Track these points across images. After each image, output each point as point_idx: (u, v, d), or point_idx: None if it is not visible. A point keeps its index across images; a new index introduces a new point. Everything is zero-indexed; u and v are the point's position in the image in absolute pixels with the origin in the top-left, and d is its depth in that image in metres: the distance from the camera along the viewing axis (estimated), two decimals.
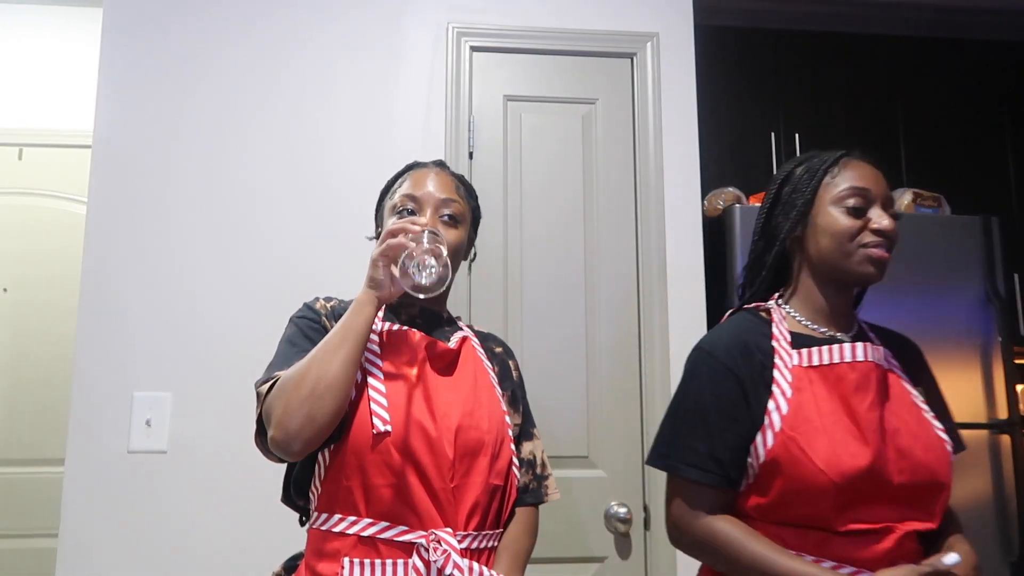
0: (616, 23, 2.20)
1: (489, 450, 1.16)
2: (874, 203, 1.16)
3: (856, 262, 1.14)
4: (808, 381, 1.10)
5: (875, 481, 1.04)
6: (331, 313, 1.23)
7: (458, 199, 1.26)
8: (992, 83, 2.66)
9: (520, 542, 1.22)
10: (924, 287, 2.08)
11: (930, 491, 1.08)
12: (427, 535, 1.07)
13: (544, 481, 1.31)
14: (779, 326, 1.17)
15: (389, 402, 1.11)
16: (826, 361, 1.11)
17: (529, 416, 1.34)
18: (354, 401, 1.11)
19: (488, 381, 1.25)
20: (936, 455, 1.10)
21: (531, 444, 1.32)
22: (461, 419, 1.14)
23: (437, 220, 1.22)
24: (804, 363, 1.12)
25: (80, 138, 2.70)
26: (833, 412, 1.08)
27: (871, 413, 1.07)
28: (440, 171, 1.29)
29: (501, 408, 1.23)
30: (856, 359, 1.11)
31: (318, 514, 1.13)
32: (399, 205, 1.24)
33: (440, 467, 1.10)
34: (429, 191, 1.24)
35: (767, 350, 1.14)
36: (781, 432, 1.06)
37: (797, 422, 1.07)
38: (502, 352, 1.36)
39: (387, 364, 1.16)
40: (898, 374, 1.17)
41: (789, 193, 1.21)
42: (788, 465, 1.05)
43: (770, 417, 1.08)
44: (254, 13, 2.10)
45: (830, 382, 1.10)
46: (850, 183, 1.17)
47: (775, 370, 1.12)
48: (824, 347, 1.12)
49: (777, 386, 1.10)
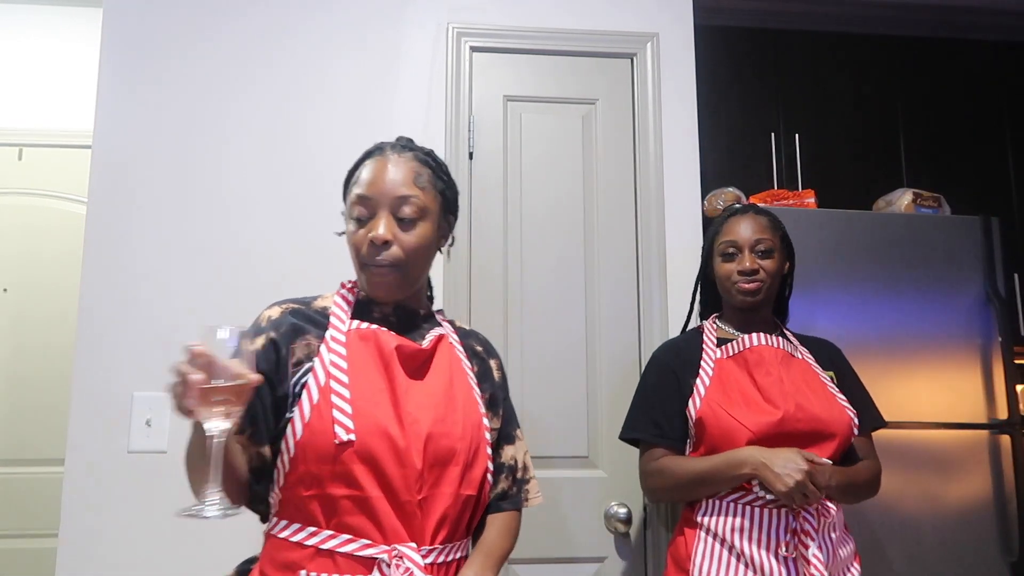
0: (616, 23, 2.20)
1: (462, 458, 1.10)
2: (742, 250, 1.61)
3: (733, 294, 1.62)
4: (725, 366, 1.58)
5: (781, 430, 1.46)
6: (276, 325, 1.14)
7: (417, 192, 1.15)
8: (992, 83, 2.66)
9: (496, 544, 1.17)
10: (924, 287, 2.08)
11: (823, 438, 1.49)
12: (390, 550, 1.02)
13: (525, 485, 1.26)
14: (708, 335, 1.66)
15: (354, 409, 1.05)
16: (736, 350, 1.59)
17: (511, 418, 1.29)
18: (316, 407, 1.05)
19: (466, 382, 1.19)
20: (831, 413, 1.51)
21: (512, 448, 1.26)
22: (432, 426, 1.08)
23: (393, 224, 1.13)
24: (723, 355, 1.60)
25: (80, 138, 2.70)
26: (742, 382, 1.54)
27: (768, 379, 1.52)
28: (399, 157, 1.18)
29: (478, 412, 1.17)
30: (754, 345, 1.58)
31: (277, 520, 1.08)
32: (353, 212, 1.16)
33: (407, 478, 1.04)
34: (383, 189, 1.14)
35: (697, 350, 1.63)
36: (705, 399, 1.53)
37: (717, 391, 1.53)
38: (483, 351, 1.30)
39: (353, 368, 1.09)
40: (807, 360, 1.62)
41: (705, 244, 1.72)
42: (712, 421, 1.50)
43: (697, 390, 1.55)
44: (252, 15, 2.10)
45: (740, 364, 1.57)
46: (724, 238, 1.64)
47: (702, 360, 1.60)
48: (735, 342, 1.61)
49: (703, 370, 1.58)
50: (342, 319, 1.15)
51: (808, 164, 2.50)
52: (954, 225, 2.14)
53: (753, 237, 1.61)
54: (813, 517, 1.41)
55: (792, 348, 1.62)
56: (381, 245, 1.12)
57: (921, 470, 1.98)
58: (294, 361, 1.11)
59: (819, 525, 1.42)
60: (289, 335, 1.12)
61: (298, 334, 1.13)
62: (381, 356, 1.11)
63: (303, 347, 1.12)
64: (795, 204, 2.21)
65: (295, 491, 1.05)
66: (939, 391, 2.04)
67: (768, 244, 1.61)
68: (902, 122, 2.59)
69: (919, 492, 1.97)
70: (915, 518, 1.96)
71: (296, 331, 1.13)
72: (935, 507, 1.97)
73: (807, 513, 1.41)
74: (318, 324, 1.15)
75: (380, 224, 1.12)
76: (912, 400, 2.02)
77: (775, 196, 2.23)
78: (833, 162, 2.52)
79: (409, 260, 1.14)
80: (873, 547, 1.92)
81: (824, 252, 2.07)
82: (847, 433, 1.52)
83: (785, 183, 2.47)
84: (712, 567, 1.45)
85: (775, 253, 1.62)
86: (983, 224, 2.15)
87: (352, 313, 1.18)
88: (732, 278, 1.61)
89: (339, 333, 1.12)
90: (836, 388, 1.59)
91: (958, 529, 1.96)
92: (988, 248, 2.13)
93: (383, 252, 1.12)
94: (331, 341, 1.11)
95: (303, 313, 1.16)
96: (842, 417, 1.52)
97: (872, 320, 2.05)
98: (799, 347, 1.64)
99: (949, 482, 1.99)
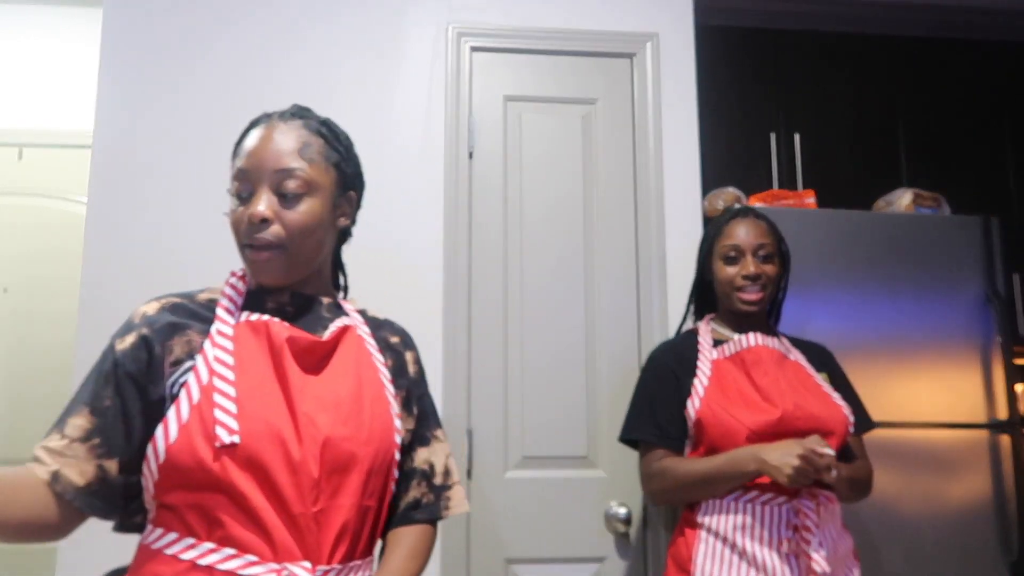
0: (616, 23, 2.20)
1: (365, 465, 0.97)
2: (744, 254, 1.61)
3: (734, 300, 1.62)
4: (722, 366, 1.58)
5: (780, 429, 1.47)
6: (151, 321, 0.99)
7: (302, 164, 1.02)
8: (992, 83, 2.66)
9: (401, 568, 1.02)
10: (924, 287, 2.08)
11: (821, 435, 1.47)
12: (279, 569, 0.89)
13: (445, 492, 1.11)
14: (703, 336, 1.65)
15: (240, 409, 0.92)
16: (733, 351, 1.60)
17: (427, 418, 1.15)
18: (196, 407, 0.92)
19: (375, 379, 1.05)
20: (829, 411, 1.52)
21: (427, 450, 1.12)
22: (332, 428, 0.95)
23: (274, 200, 1.01)
24: (719, 356, 1.60)
25: (80, 138, 2.70)
26: (739, 382, 1.54)
27: (766, 378, 1.53)
28: (286, 126, 1.05)
29: (389, 412, 1.04)
30: (750, 345, 1.58)
31: (152, 528, 0.95)
32: (234, 188, 1.04)
33: (301, 487, 0.91)
34: (264, 161, 1.01)
35: (694, 351, 1.63)
36: (703, 399, 1.53)
37: (716, 391, 1.54)
38: (399, 343, 1.16)
39: (240, 363, 0.96)
40: (800, 361, 1.62)
41: (702, 246, 1.71)
42: (711, 421, 1.50)
43: (695, 390, 1.56)
44: (253, 13, 2.10)
45: (736, 364, 1.58)
46: (726, 241, 1.63)
47: (699, 362, 1.60)
48: (731, 342, 1.61)
49: (700, 370, 1.58)
50: (231, 311, 1.02)
51: (808, 164, 2.50)
52: (954, 225, 2.14)
53: (756, 241, 1.61)
54: (814, 513, 1.42)
55: (786, 350, 1.63)
56: (260, 223, 0.99)
57: (921, 470, 1.98)
58: (172, 360, 0.97)
59: (820, 520, 1.42)
60: (166, 331, 0.99)
61: (177, 330, 0.99)
62: (272, 349, 0.98)
63: (183, 344, 0.98)
64: (795, 204, 2.21)
65: (168, 499, 0.92)
66: (939, 391, 2.04)
67: (769, 249, 1.61)
68: (902, 122, 2.59)
69: (919, 492, 1.97)
70: (915, 518, 1.96)
71: (174, 327, 0.99)
72: (935, 507, 1.97)
73: (808, 509, 1.41)
74: (202, 318, 1.02)
75: (259, 200, 1.00)
76: (912, 400, 2.02)
77: (775, 196, 2.23)
78: (833, 162, 2.52)
79: (293, 239, 1.00)
80: (873, 547, 1.92)
81: (824, 252, 2.07)
82: (845, 431, 1.53)
83: (785, 183, 2.47)
84: (714, 566, 1.46)
85: (775, 258, 1.63)
86: (983, 224, 2.15)
87: (244, 304, 1.05)
88: (735, 283, 1.61)
89: (226, 326, 0.99)
90: (830, 388, 1.61)
91: (958, 529, 1.96)
92: (988, 248, 2.13)
93: (263, 230, 0.99)
94: (216, 335, 0.98)
95: (184, 307, 1.03)
96: (839, 415, 1.53)
97: (872, 320, 2.05)
98: (792, 349, 1.66)
99: (949, 482, 1.99)
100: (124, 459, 0.94)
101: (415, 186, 2.07)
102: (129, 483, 0.95)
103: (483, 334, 2.02)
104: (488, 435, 1.98)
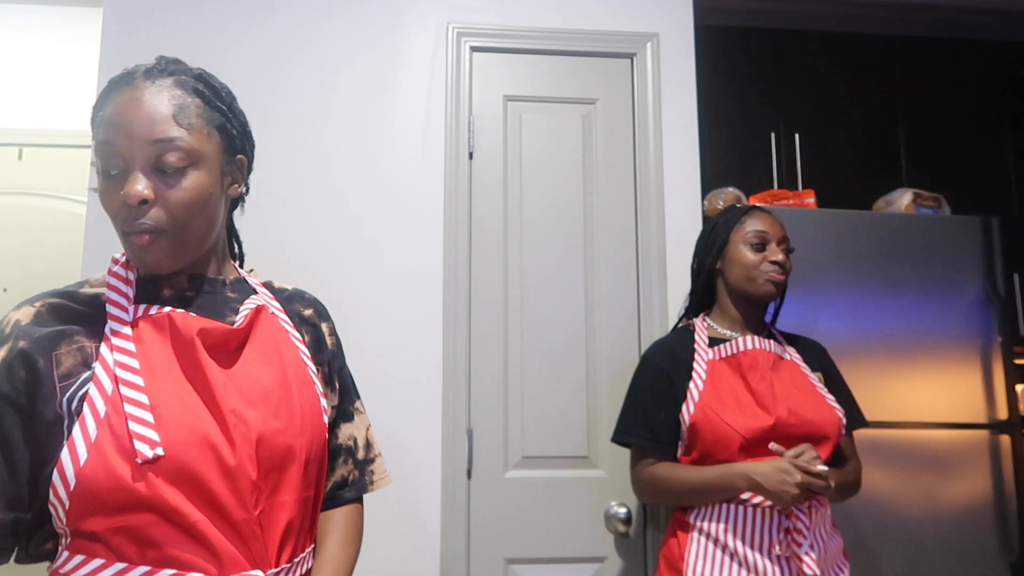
0: (616, 23, 2.20)
1: (303, 456, 0.90)
2: (770, 242, 1.61)
3: (759, 284, 1.60)
4: (718, 368, 1.57)
5: (774, 435, 1.47)
6: (26, 332, 0.84)
7: (181, 133, 0.86)
8: (992, 83, 2.66)
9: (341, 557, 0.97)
10: (924, 287, 2.08)
11: (816, 441, 1.51)
12: None
13: (368, 466, 1.06)
14: (699, 334, 1.64)
15: (158, 417, 0.81)
16: (729, 352, 1.58)
17: (349, 391, 1.07)
18: (104, 422, 0.80)
19: (297, 359, 0.96)
20: (822, 415, 1.52)
21: (350, 426, 1.06)
22: (263, 423, 0.87)
23: (152, 177, 0.86)
24: (715, 357, 1.59)
25: (80, 138, 2.70)
26: (735, 386, 1.54)
27: (762, 383, 1.52)
28: (154, 86, 0.87)
29: (316, 394, 0.96)
30: (747, 348, 1.58)
31: (68, 554, 0.82)
32: (98, 164, 0.88)
33: (240, 492, 0.82)
34: (134, 132, 0.85)
35: (690, 351, 1.62)
36: (699, 403, 1.52)
37: (711, 395, 1.53)
38: (313, 314, 1.07)
39: (148, 366, 0.84)
40: (796, 361, 1.62)
41: (712, 236, 1.68)
42: (705, 427, 1.50)
43: (691, 394, 1.55)
44: (254, 13, 2.10)
45: (732, 367, 1.57)
46: (753, 227, 1.63)
47: (694, 363, 1.59)
48: (728, 343, 1.59)
49: (696, 373, 1.57)
50: (124, 306, 0.88)
51: (808, 164, 2.50)
52: (954, 225, 2.14)
53: (780, 233, 1.63)
54: (806, 515, 1.43)
55: (781, 350, 1.63)
56: (138, 206, 0.85)
57: (921, 470, 1.98)
58: (62, 372, 0.83)
59: (811, 523, 1.43)
60: (48, 340, 0.84)
61: (62, 338, 0.85)
62: (182, 345, 0.86)
63: (73, 353, 0.84)
64: (795, 204, 2.21)
65: (86, 526, 0.80)
66: (939, 391, 2.04)
67: (788, 244, 1.64)
68: (902, 122, 2.59)
69: (919, 492, 1.97)
70: (915, 518, 1.96)
71: (58, 335, 0.85)
72: (935, 507, 1.97)
73: (799, 512, 1.42)
74: (90, 319, 0.88)
75: (135, 180, 0.84)
76: (912, 400, 2.02)
77: (775, 196, 2.23)
78: (833, 162, 2.52)
79: (180, 222, 0.87)
80: (873, 547, 1.92)
81: (824, 252, 2.07)
82: (838, 434, 1.53)
83: (785, 183, 2.47)
84: (706, 567, 1.46)
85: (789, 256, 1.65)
86: (983, 224, 2.15)
87: (136, 295, 0.91)
88: (762, 267, 1.59)
89: (122, 324, 0.86)
90: (825, 389, 1.61)
91: (958, 529, 1.96)
92: (988, 248, 2.13)
93: (142, 215, 0.85)
94: (113, 336, 0.85)
95: (66, 308, 0.87)
96: (832, 418, 1.53)
97: (872, 320, 2.05)
98: (787, 348, 1.66)
99: (949, 482, 1.99)
100: (9, 497, 0.80)
101: (415, 186, 2.07)
102: (19, 520, 0.81)
103: (483, 334, 2.02)
104: (488, 435, 1.98)
